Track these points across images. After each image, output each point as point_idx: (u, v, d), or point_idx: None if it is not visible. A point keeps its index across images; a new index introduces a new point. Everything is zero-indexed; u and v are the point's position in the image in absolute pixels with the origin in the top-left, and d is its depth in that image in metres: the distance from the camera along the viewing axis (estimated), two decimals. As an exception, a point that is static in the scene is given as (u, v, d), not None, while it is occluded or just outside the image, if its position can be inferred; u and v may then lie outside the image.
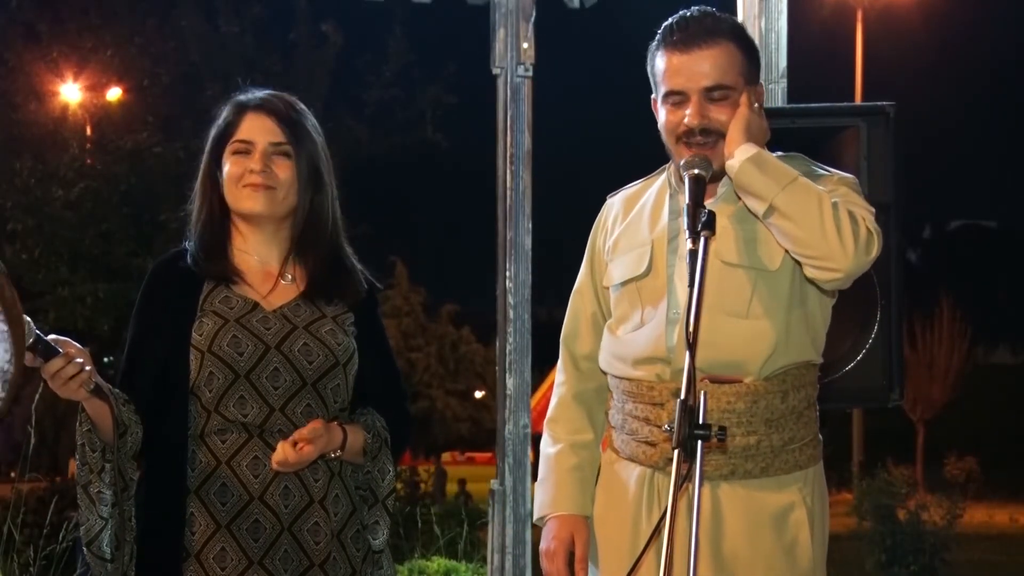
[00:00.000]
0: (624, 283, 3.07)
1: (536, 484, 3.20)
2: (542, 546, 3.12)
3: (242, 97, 3.08)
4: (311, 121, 3.08)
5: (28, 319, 2.67)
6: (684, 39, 2.95)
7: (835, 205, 2.85)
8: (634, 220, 3.11)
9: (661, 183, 3.12)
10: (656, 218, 3.07)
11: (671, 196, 3.07)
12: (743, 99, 2.95)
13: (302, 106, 3.09)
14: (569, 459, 3.14)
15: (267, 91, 3.10)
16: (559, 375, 3.24)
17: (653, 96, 3.06)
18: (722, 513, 2.95)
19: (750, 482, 2.96)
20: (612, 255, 3.13)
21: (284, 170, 3.00)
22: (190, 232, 3.07)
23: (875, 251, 2.88)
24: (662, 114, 3.01)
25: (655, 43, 3.02)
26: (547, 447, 3.18)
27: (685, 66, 2.94)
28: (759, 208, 2.89)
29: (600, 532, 3.11)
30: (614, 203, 3.21)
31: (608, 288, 3.14)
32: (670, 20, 3.01)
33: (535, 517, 3.21)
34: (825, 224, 2.83)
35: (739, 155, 2.90)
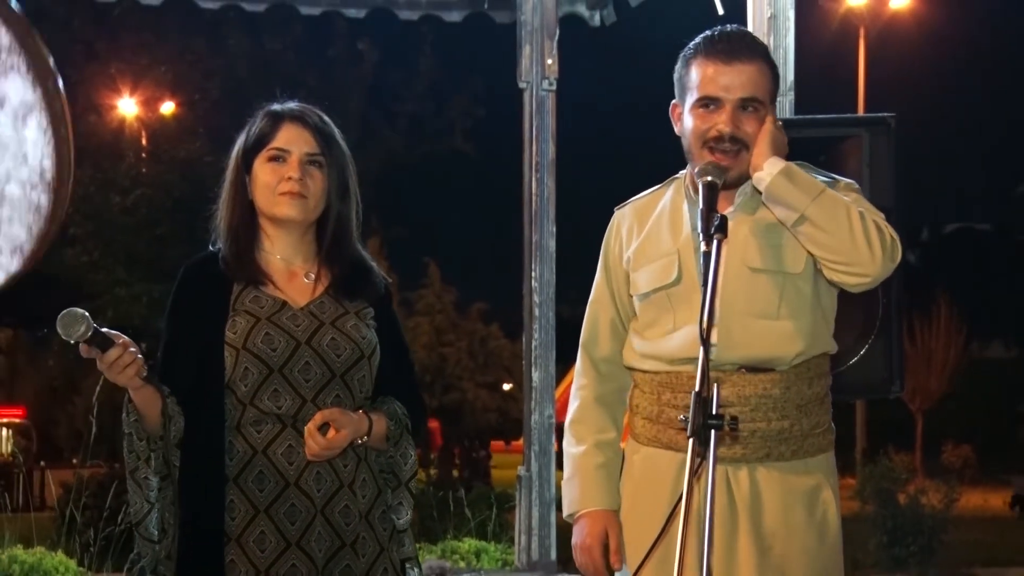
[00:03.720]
0: (654, 291, 3.04)
1: (563, 482, 3.18)
2: (575, 540, 3.09)
3: (277, 107, 3.04)
4: (340, 133, 3.05)
5: (86, 313, 2.66)
6: (728, 50, 2.93)
7: (861, 215, 2.86)
8: (653, 230, 3.08)
9: (674, 193, 3.09)
10: (678, 228, 3.04)
11: (690, 206, 3.03)
12: (769, 116, 2.95)
13: (329, 119, 3.06)
14: (595, 457, 3.11)
15: (299, 103, 3.06)
16: (579, 379, 3.21)
17: (675, 101, 3.03)
18: (760, 492, 2.95)
19: (782, 464, 2.97)
20: (635, 265, 3.09)
21: (317, 180, 2.98)
22: (216, 233, 3.04)
23: (899, 256, 2.90)
24: (690, 119, 2.97)
25: (691, 51, 2.99)
26: (571, 447, 3.15)
27: (724, 75, 2.92)
28: (790, 218, 2.89)
29: (628, 519, 3.08)
30: (625, 214, 3.17)
31: (633, 296, 3.10)
32: (711, 32, 2.98)
33: (565, 513, 3.18)
34: (855, 233, 2.84)
35: (769, 168, 2.89)
